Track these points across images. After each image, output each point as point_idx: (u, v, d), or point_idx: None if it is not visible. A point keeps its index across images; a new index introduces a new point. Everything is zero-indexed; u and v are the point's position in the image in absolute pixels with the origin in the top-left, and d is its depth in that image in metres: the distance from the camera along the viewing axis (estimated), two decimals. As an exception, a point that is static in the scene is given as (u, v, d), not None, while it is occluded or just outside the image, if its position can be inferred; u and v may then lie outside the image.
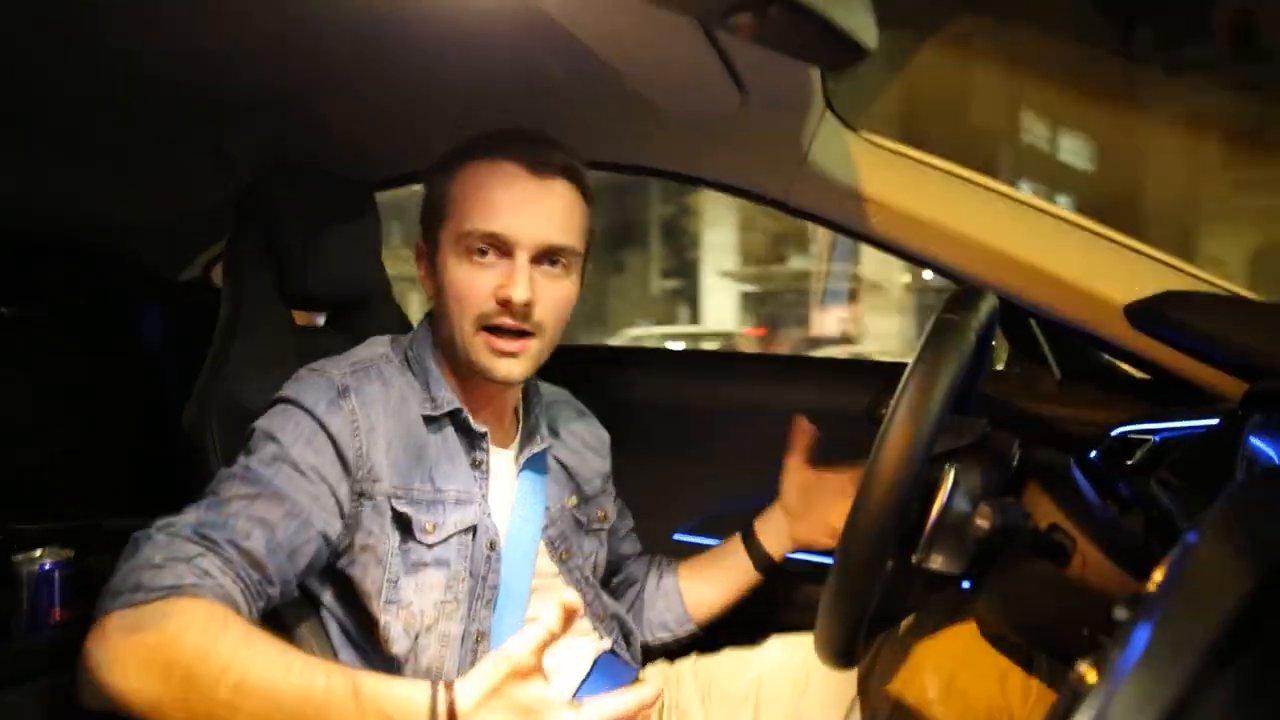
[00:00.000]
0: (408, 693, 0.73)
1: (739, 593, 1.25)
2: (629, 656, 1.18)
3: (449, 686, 0.73)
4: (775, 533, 1.23)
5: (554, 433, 1.18)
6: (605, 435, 1.31)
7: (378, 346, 1.08)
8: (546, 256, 1.01)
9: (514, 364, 1.01)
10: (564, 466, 1.18)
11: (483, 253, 0.99)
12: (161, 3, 0.98)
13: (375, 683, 0.74)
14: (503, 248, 0.99)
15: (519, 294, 0.97)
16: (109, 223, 1.76)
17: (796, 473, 1.21)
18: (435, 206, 1.04)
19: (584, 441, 1.24)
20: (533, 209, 0.99)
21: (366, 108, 1.34)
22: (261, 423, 0.96)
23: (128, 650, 0.74)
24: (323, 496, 0.92)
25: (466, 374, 1.06)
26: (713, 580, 1.25)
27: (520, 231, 0.98)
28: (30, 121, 1.31)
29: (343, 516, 0.94)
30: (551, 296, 1.01)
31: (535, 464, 1.12)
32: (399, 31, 1.06)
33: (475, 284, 0.99)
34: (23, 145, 1.40)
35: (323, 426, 0.94)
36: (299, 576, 0.92)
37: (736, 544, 1.25)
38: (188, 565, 0.79)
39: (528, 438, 1.13)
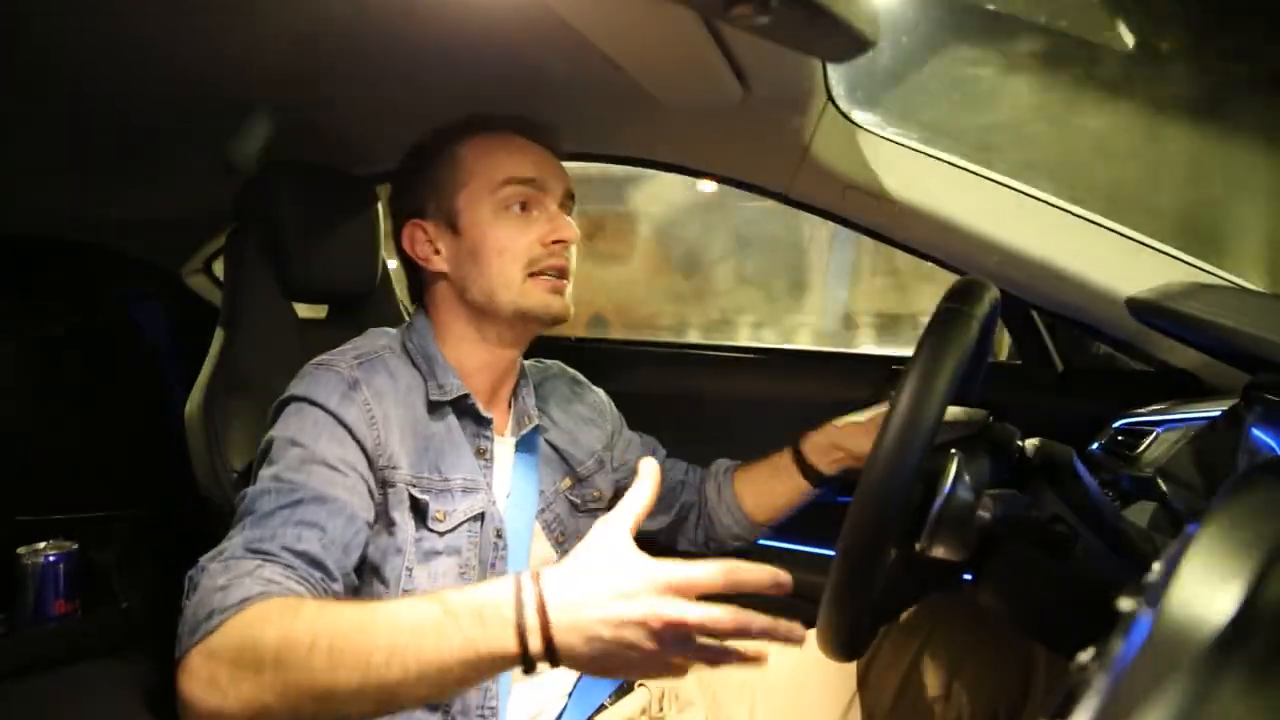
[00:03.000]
0: (494, 585, 0.70)
1: (798, 501, 1.27)
2: None
3: (535, 575, 0.70)
4: (825, 450, 1.22)
5: (544, 414, 1.19)
6: (602, 400, 1.32)
7: (379, 338, 1.08)
8: (566, 203, 1.10)
9: (565, 301, 1.08)
10: (555, 449, 1.18)
11: (521, 205, 1.06)
12: (161, 2, 0.98)
13: (461, 592, 0.71)
14: (537, 198, 1.06)
15: (569, 232, 1.06)
16: (109, 221, 1.75)
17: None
18: (444, 179, 1.07)
19: (577, 417, 1.25)
20: (548, 161, 1.10)
21: (366, 103, 1.33)
22: (278, 430, 0.95)
23: (217, 670, 0.72)
24: (358, 487, 0.93)
25: (498, 338, 1.08)
26: (770, 493, 1.28)
27: (549, 177, 1.08)
28: (30, 121, 1.31)
29: (375, 504, 0.95)
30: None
31: (528, 446, 1.13)
32: (399, 26, 1.06)
33: (521, 234, 1.05)
34: (23, 145, 1.40)
35: (339, 420, 0.94)
36: (354, 569, 0.91)
37: (787, 461, 1.25)
38: (251, 578, 0.78)
39: (518, 420, 1.14)
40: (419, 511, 0.98)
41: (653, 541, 1.35)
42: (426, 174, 1.09)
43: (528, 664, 0.68)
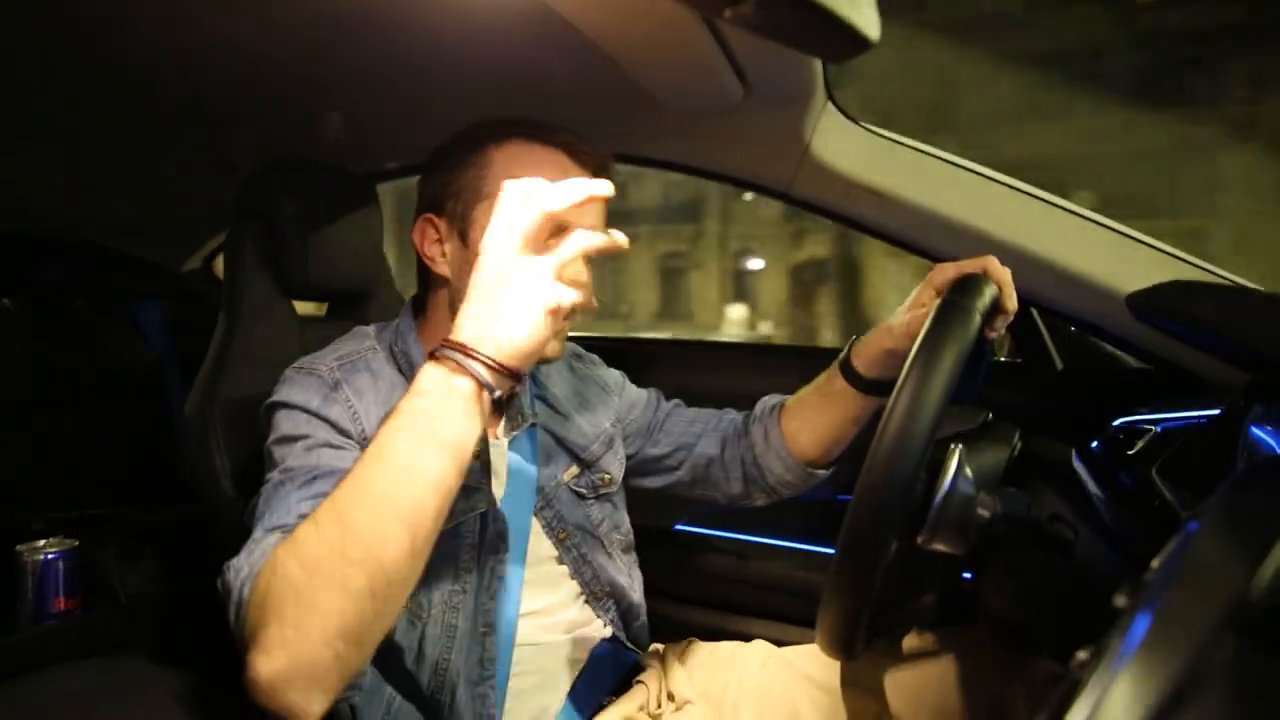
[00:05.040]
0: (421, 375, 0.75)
1: (847, 423, 1.13)
2: (627, 639, 1.18)
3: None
4: (873, 352, 1.08)
5: (544, 401, 1.16)
6: (607, 375, 1.28)
7: (363, 339, 1.07)
8: None
9: (558, 341, 1.02)
10: (556, 437, 1.16)
11: None
12: (160, 2, 0.98)
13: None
14: (558, 233, 0.99)
15: (581, 279, 0.98)
16: (109, 219, 1.76)
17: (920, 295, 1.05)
18: (469, 184, 1.01)
19: (581, 398, 1.21)
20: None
21: (367, 102, 1.33)
22: (273, 435, 0.95)
23: (267, 634, 0.70)
24: None
25: None
26: (826, 425, 1.15)
27: (579, 220, 0.98)
28: (31, 120, 1.31)
29: None
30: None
31: (522, 444, 1.11)
32: (399, 25, 1.06)
33: None
34: (23, 144, 1.40)
35: (324, 418, 0.94)
36: None
37: (840, 383, 1.12)
38: (272, 546, 0.78)
39: (511, 420, 1.11)
40: None
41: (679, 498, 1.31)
42: (454, 170, 1.02)
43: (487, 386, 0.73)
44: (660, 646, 1.24)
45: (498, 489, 1.07)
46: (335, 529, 0.70)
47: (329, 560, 0.70)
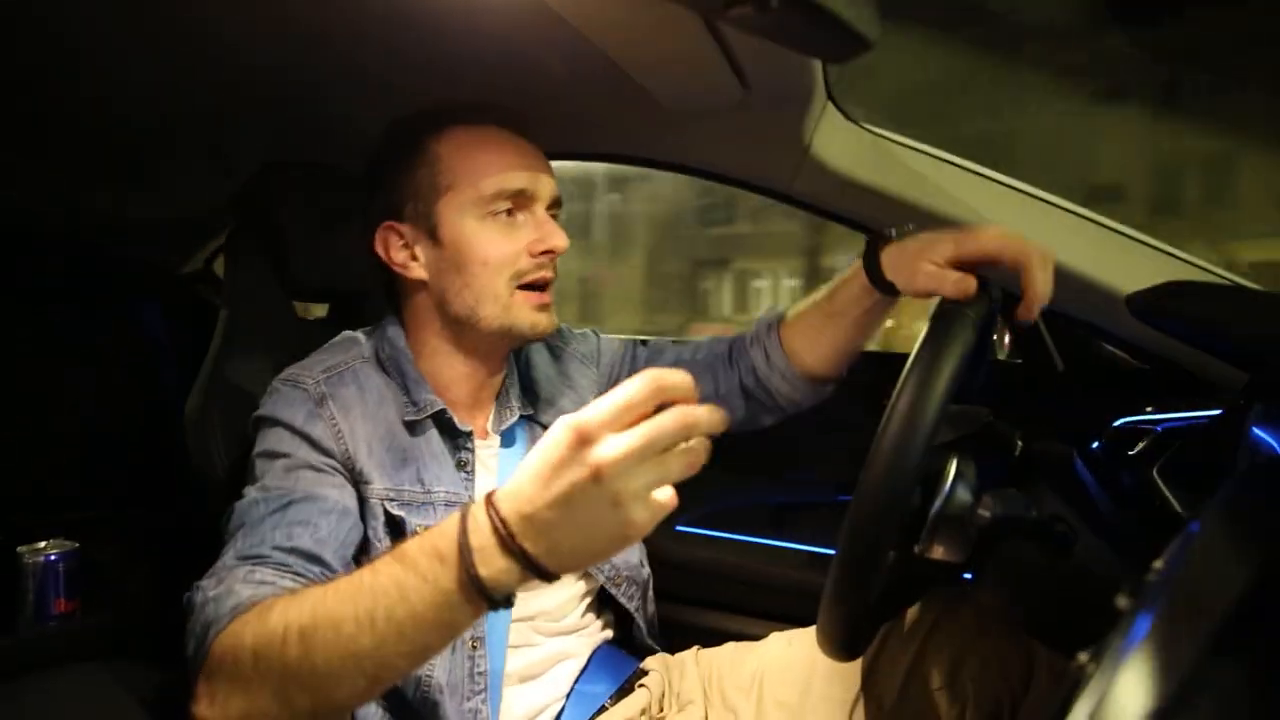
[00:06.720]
0: (444, 522, 0.67)
1: (857, 336, 1.09)
2: (644, 625, 1.17)
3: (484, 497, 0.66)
4: (909, 265, 0.94)
5: (531, 391, 1.15)
6: (586, 346, 1.25)
7: (351, 346, 1.06)
8: (553, 207, 1.05)
9: (551, 315, 1.04)
10: (544, 427, 1.13)
11: (509, 213, 1.00)
12: (159, 3, 0.98)
13: (412, 540, 0.68)
14: (524, 204, 1.01)
15: (560, 241, 1.01)
16: (109, 221, 1.76)
17: None
18: (422, 181, 1.01)
19: (564, 380, 1.19)
20: (536, 164, 1.03)
21: (367, 102, 1.33)
22: (257, 448, 0.95)
23: (215, 688, 0.72)
24: (346, 486, 0.93)
25: (478, 350, 1.05)
26: (822, 338, 1.10)
27: (539, 185, 1.02)
28: (31, 120, 1.31)
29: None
30: None
31: (513, 438, 1.10)
32: (398, 25, 1.06)
33: (508, 242, 1.00)
34: (23, 144, 1.40)
35: (306, 437, 0.94)
36: (354, 564, 0.90)
37: (842, 287, 1.06)
38: (242, 584, 0.78)
39: (501, 412, 1.11)
40: (395, 527, 0.96)
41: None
42: (403, 173, 1.02)
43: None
44: (665, 652, 1.23)
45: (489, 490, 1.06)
46: (298, 648, 0.68)
47: (279, 679, 0.69)
